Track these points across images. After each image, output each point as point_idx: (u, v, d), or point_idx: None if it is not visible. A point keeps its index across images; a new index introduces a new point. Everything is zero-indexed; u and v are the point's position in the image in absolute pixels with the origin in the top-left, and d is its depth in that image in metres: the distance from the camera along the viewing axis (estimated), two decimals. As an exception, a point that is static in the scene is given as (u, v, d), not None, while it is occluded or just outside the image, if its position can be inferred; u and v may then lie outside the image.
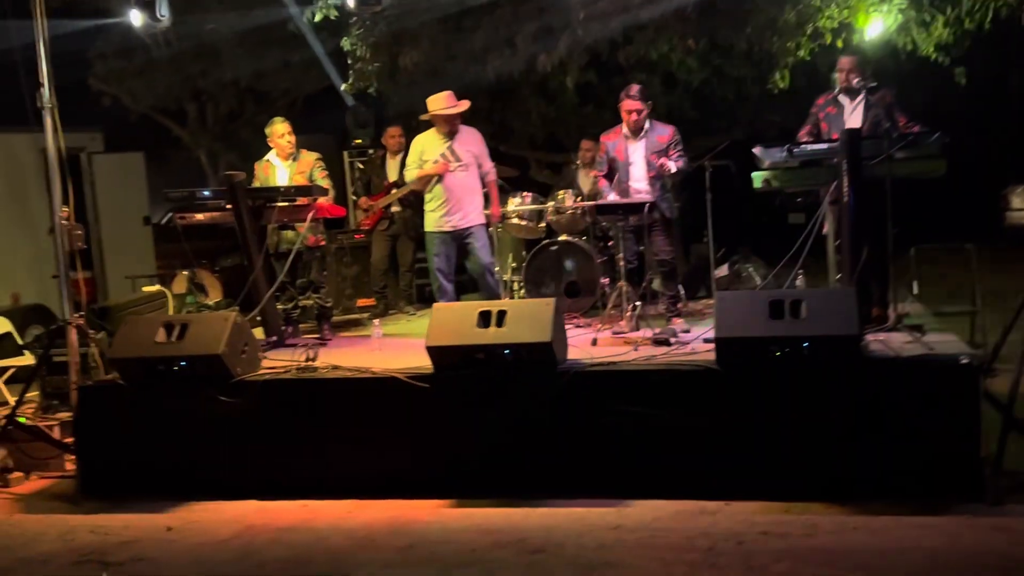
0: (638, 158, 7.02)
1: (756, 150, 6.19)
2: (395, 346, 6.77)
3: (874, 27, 7.30)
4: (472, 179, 7.26)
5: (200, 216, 7.18)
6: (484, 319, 5.45)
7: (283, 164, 7.40)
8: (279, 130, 7.36)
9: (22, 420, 6.34)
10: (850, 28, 7.16)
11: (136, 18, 8.38)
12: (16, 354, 8.09)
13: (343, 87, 9.29)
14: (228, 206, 6.95)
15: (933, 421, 4.92)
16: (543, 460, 5.34)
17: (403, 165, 8.80)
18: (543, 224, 8.18)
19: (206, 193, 7.27)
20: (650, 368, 5.42)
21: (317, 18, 8.85)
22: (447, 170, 7.18)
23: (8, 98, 6.47)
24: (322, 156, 7.55)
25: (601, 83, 10.00)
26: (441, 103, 7.19)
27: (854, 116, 6.35)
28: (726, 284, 8.65)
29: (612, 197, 7.02)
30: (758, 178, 6.20)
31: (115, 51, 13.11)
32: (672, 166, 6.90)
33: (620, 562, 4.37)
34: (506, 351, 5.36)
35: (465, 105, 7.23)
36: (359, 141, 10.42)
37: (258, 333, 6.69)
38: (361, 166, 9.94)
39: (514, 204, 8.09)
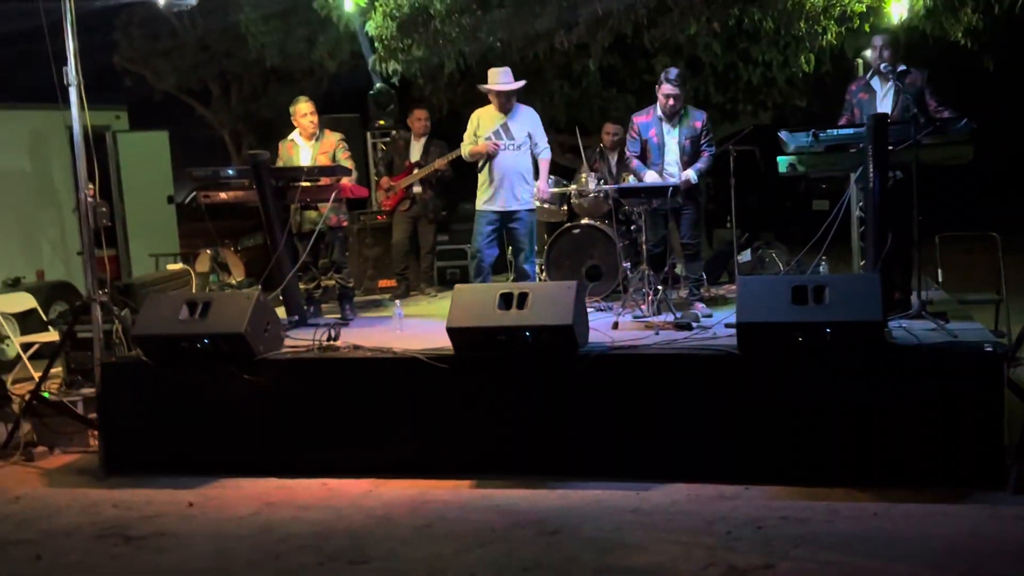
0: (672, 142, 7.00)
1: (782, 134, 6.14)
2: (416, 327, 6.78)
3: (897, 8, 7.19)
4: (523, 160, 7.22)
5: (224, 195, 7.21)
6: (505, 301, 5.46)
7: (306, 144, 7.42)
8: (302, 109, 7.37)
9: (46, 395, 6.41)
10: (878, 12, 7.07)
11: (161, -3, 8.41)
12: (41, 330, 8.17)
13: (372, 61, 9.26)
14: (251, 185, 6.97)
15: (956, 409, 4.90)
16: (562, 442, 5.36)
17: (426, 148, 8.83)
18: (565, 207, 8.16)
19: (230, 172, 7.28)
20: (671, 352, 5.41)
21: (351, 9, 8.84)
22: (497, 149, 7.14)
23: (34, 75, 6.51)
24: (345, 137, 7.56)
25: (625, 65, 9.95)
26: (496, 78, 7.15)
27: (886, 101, 6.29)
28: (749, 269, 8.61)
29: (650, 176, 6.96)
30: (783, 163, 6.16)
31: (141, 30, 13.17)
32: (695, 179, 6.95)
33: (638, 544, 4.38)
34: (527, 333, 5.36)
35: (519, 84, 7.17)
36: (382, 123, 10.41)
37: (280, 313, 6.71)
38: (384, 147, 9.94)
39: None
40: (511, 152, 7.16)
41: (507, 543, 4.46)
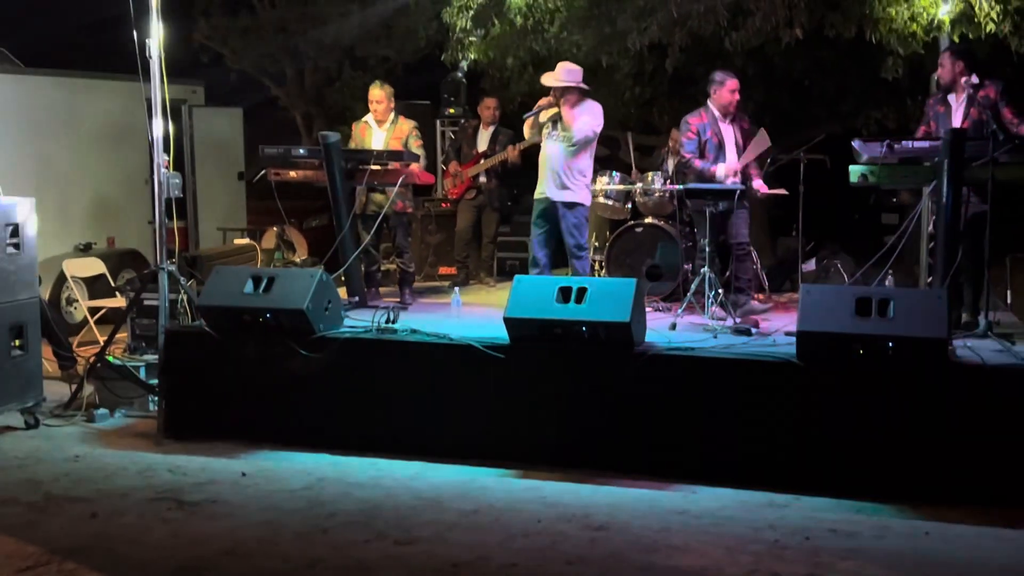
0: (730, 141, 6.98)
1: (855, 143, 6.06)
2: (474, 315, 6.82)
3: (945, 8, 6.99)
4: (559, 155, 7.15)
5: (293, 173, 7.31)
6: (564, 295, 5.46)
7: (379, 128, 7.51)
8: (375, 95, 7.48)
9: (111, 359, 6.56)
10: (968, 21, 6.89)
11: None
12: (108, 295, 8.36)
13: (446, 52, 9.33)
14: (321, 165, 7.05)
15: (1017, 432, 4.80)
16: (613, 439, 5.35)
17: (494, 137, 8.86)
18: (629, 205, 8.13)
19: (301, 151, 7.38)
20: (728, 357, 5.37)
21: None
22: (545, 104, 7.00)
23: (112, 46, 6.64)
24: (418, 125, 7.63)
25: (699, 68, 9.88)
26: (557, 74, 6.98)
27: (958, 115, 6.18)
28: (813, 279, 8.50)
29: (722, 169, 6.92)
30: (855, 172, 6.07)
31: (220, 8, 13.37)
32: (765, 188, 7.02)
33: (684, 546, 4.36)
34: (583, 328, 5.36)
35: (563, 84, 6.92)
36: (452, 111, 10.47)
37: (342, 293, 6.79)
38: (453, 135, 10.00)
39: (602, 183, 8.05)
40: (561, 144, 6.97)
41: (552, 535, 4.47)
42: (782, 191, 7.45)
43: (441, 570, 4.12)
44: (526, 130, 7.37)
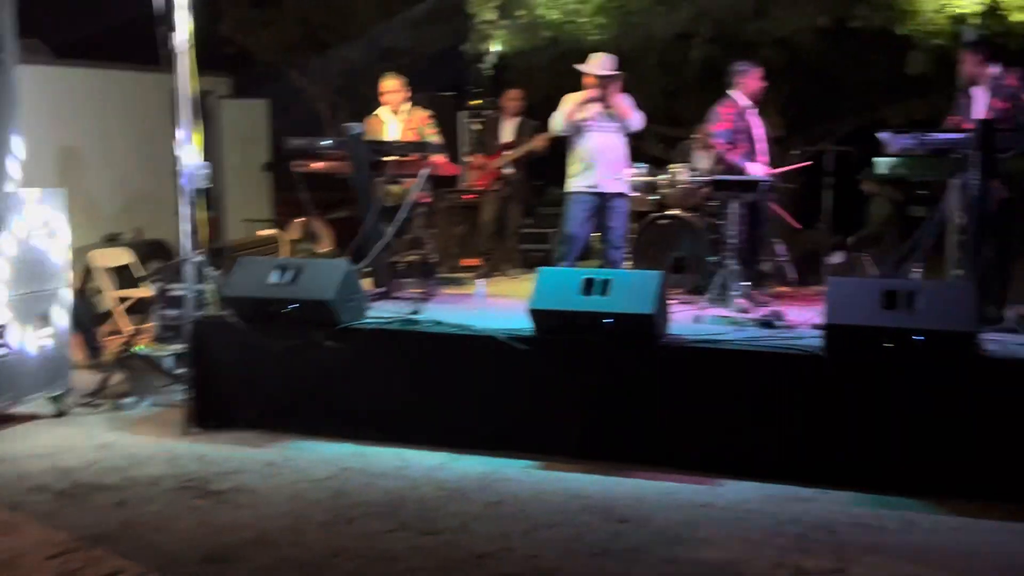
0: (759, 130, 6.97)
1: (883, 135, 6.01)
2: (497, 307, 6.82)
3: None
4: (618, 144, 7.13)
5: (317, 165, 7.33)
6: (588, 286, 5.45)
7: (393, 119, 7.51)
8: (387, 85, 7.49)
9: (138, 348, 6.61)
10: (995, 14, 6.83)
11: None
12: (135, 285, 8.43)
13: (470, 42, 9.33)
14: (345, 157, 7.06)
15: (1047, 427, 4.75)
16: (637, 431, 5.34)
17: (519, 128, 8.85)
18: (653, 197, 8.10)
19: (326, 143, 7.40)
20: (753, 349, 5.35)
21: None
22: (595, 96, 6.96)
23: (139, 38, 6.68)
24: (435, 114, 7.61)
25: (725, 58, 9.82)
26: (595, 62, 7.02)
27: (981, 106, 6.14)
28: (840, 272, 8.45)
29: (754, 169, 6.88)
30: (882, 164, 6.02)
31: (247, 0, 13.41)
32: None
33: (708, 539, 4.35)
34: (608, 320, 5.35)
35: (607, 72, 6.97)
36: (477, 102, 10.47)
37: (366, 284, 6.81)
38: (477, 126, 9.99)
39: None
40: (607, 134, 6.99)
41: (576, 527, 4.48)
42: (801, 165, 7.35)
43: (465, 560, 4.14)
44: (561, 121, 7.18)
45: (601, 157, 7.03)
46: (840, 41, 8.86)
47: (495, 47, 8.97)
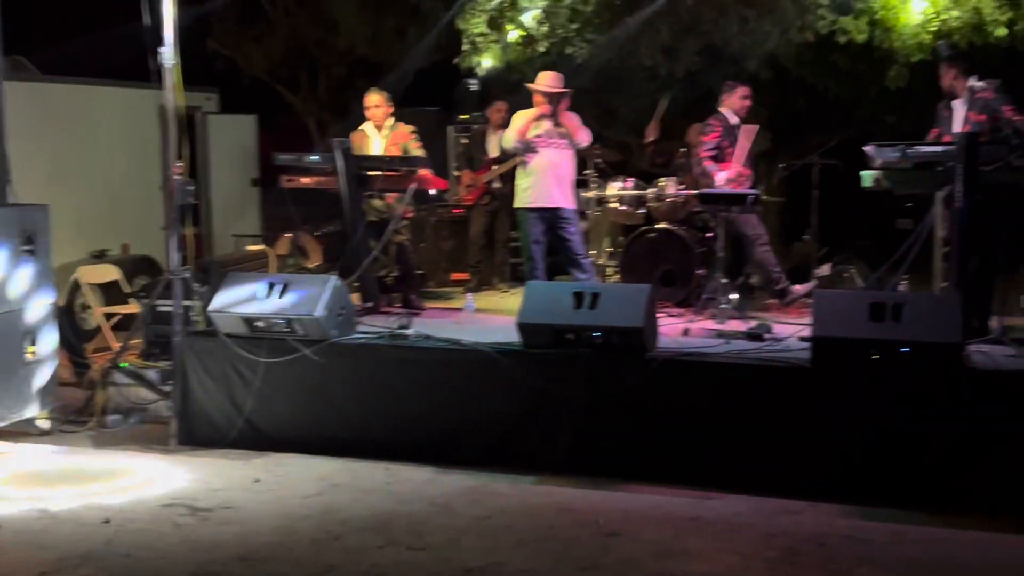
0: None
1: (868, 148, 6.04)
2: (486, 321, 6.82)
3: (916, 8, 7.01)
4: (568, 160, 7.19)
5: (305, 180, 7.32)
6: (577, 300, 5.46)
7: (377, 134, 7.50)
8: (373, 99, 7.49)
9: (124, 365, 6.58)
10: (978, 28, 6.88)
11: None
12: (122, 302, 8.39)
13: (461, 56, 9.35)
14: (334, 171, 7.05)
15: (1034, 438, 4.77)
16: (626, 445, 5.33)
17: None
18: (641, 210, 8.12)
19: (313, 158, 7.39)
20: (741, 362, 5.36)
21: None
22: (548, 112, 7.02)
23: (128, 54, 6.69)
24: (418, 130, 7.61)
25: (711, 72, 9.87)
26: (545, 80, 7.13)
27: (959, 119, 6.21)
28: (826, 284, 8.47)
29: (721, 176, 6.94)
30: (868, 177, 6.05)
31: (234, 15, 13.44)
32: None
33: (697, 552, 4.34)
34: (596, 333, 5.35)
35: (559, 89, 7.04)
36: (465, 117, 10.48)
37: (355, 299, 6.79)
38: (464, 142, 10.01)
39: (615, 189, 8.05)
40: (556, 151, 7.05)
41: (565, 542, 4.46)
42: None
43: (455, 575, 4.12)
44: (512, 138, 7.18)
45: (551, 173, 7.09)
46: (827, 55, 8.92)
47: (486, 61, 9.00)
